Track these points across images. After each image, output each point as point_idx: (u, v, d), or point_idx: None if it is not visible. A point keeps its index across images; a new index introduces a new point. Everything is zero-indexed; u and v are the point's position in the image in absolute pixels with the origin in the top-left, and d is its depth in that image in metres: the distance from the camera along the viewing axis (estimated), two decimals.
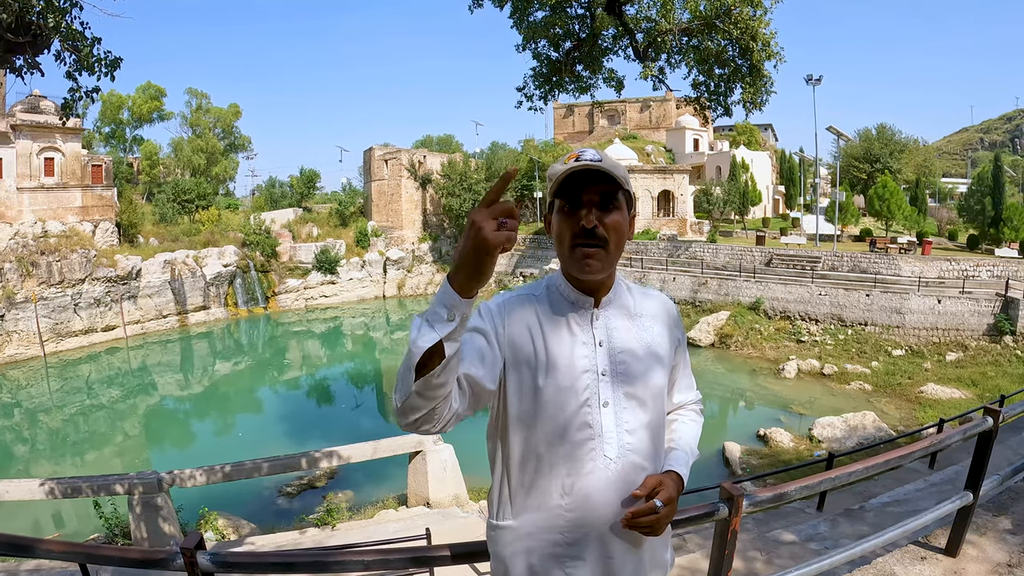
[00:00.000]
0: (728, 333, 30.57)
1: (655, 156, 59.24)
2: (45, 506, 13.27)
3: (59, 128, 35.21)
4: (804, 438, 19.15)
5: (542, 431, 1.79)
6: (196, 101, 63.98)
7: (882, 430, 18.86)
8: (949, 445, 4.21)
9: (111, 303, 35.98)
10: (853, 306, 28.53)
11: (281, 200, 59.83)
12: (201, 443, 23.23)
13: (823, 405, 22.26)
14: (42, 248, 33.91)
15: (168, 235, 43.65)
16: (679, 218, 46.08)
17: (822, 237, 41.22)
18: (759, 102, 13.84)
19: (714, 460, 18.65)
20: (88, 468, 19.96)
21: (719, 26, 12.35)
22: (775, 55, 12.60)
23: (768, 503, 2.87)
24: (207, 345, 37.72)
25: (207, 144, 61.01)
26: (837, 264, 33.61)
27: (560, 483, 1.79)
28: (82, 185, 38.00)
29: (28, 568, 6.81)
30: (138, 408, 27.31)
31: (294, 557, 2.57)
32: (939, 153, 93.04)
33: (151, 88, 61.94)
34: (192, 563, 2.42)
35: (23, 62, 6.00)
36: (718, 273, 35.01)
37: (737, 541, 7.53)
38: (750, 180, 52.09)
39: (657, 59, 13.33)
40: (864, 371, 24.92)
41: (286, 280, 46.20)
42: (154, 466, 17.36)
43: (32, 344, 32.60)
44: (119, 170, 48.30)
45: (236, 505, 15.25)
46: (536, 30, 12.91)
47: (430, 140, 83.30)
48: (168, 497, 11.37)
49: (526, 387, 1.79)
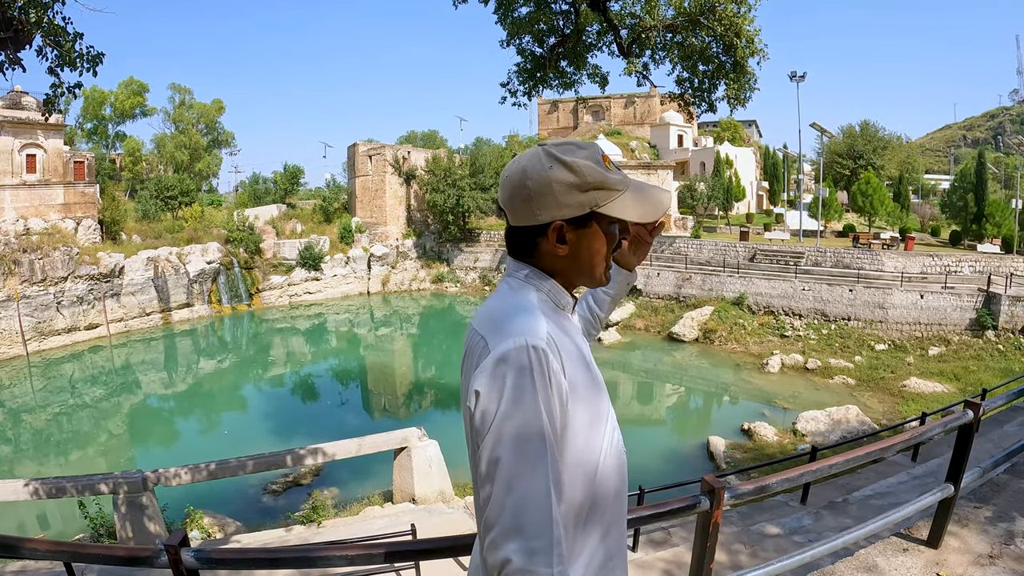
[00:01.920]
0: (712, 328, 30.71)
1: (639, 152, 59.35)
2: (30, 507, 13.17)
3: (41, 124, 34.86)
4: (788, 432, 19.29)
5: (605, 451, 1.54)
6: (179, 97, 63.71)
7: (865, 424, 19.03)
8: (931, 438, 4.25)
9: (94, 301, 35.61)
10: (836, 301, 28.75)
11: (265, 196, 59.47)
12: (186, 441, 23.08)
13: (807, 399, 22.44)
14: (24, 246, 33.47)
15: (151, 232, 43.22)
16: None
17: (806, 233, 41.46)
18: (743, 98, 13.95)
19: (698, 454, 18.80)
20: (72, 468, 19.79)
21: (703, 23, 12.42)
22: (759, 52, 12.69)
23: (750, 496, 2.90)
24: (191, 343, 37.44)
25: (190, 140, 60.76)
26: (820, 259, 33.87)
27: (614, 483, 1.57)
28: (64, 182, 37.57)
29: (13, 570, 6.76)
30: (122, 407, 27.08)
31: (279, 553, 2.58)
32: (922, 150, 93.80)
33: (134, 84, 61.33)
34: (176, 560, 2.44)
35: (4, 58, 5.94)
36: (702, 268, 35.19)
37: (721, 534, 7.62)
38: (734, 176, 52.37)
39: (641, 55, 13.39)
40: (847, 365, 25.13)
41: (270, 277, 45.92)
42: (139, 465, 17.23)
43: (15, 343, 32.21)
44: (102, 167, 47.97)
45: (222, 503, 15.19)
46: (520, 26, 12.92)
47: (414, 136, 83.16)
48: (153, 496, 11.32)
49: (588, 425, 1.50)
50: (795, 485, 3.00)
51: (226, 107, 66.73)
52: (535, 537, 1.26)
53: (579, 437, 1.45)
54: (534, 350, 1.35)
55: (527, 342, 1.36)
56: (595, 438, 1.50)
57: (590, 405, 1.49)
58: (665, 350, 30.37)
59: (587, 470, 1.48)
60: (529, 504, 1.28)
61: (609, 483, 1.54)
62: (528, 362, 1.34)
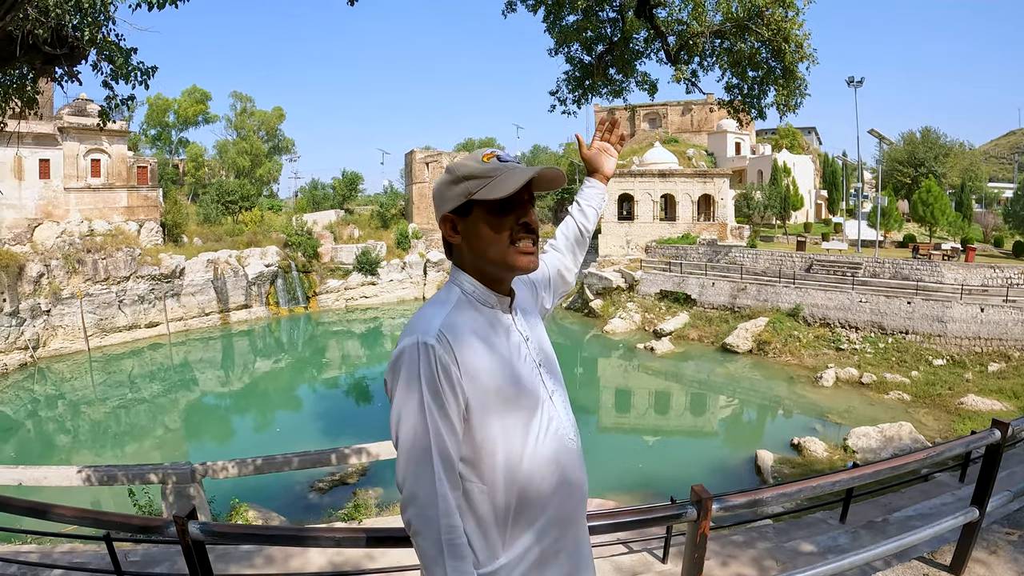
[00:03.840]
0: (766, 340, 30.11)
1: (696, 160, 58.66)
2: (83, 494, 13.60)
3: (105, 131, 36.17)
4: (838, 448, 18.80)
5: (522, 441, 1.72)
6: (240, 104, 65.34)
7: (918, 442, 18.41)
8: (948, 459, 4.13)
9: (155, 300, 36.87)
10: (894, 314, 27.90)
11: (323, 202, 60.71)
12: (240, 438, 23.65)
13: (860, 415, 21.84)
14: (88, 246, 34.96)
15: (212, 235, 44.63)
16: (719, 222, 45.50)
17: (864, 243, 40.38)
18: (793, 104, 13.62)
19: (746, 468, 18.47)
20: (128, 459, 20.38)
21: (751, 28, 12.20)
22: (808, 57, 12.41)
23: (741, 508, 2.85)
24: (248, 343, 38.44)
25: (251, 146, 62.21)
26: (879, 270, 32.92)
27: (549, 482, 1.73)
28: (127, 186, 39.09)
29: (62, 550, 7.04)
30: (179, 403, 27.93)
31: (275, 531, 2.73)
32: (985, 157, 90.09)
33: (196, 92, 63.42)
34: (183, 531, 2.66)
35: (62, 71, 6.24)
36: (757, 279, 34.51)
37: (754, 549, 7.45)
38: (791, 184, 51.29)
39: (689, 62, 13.21)
40: (903, 380, 24.35)
41: (327, 280, 46.84)
42: (192, 459, 17.76)
43: (77, 339, 33.57)
44: (165, 171, 49.54)
45: (268, 498, 15.50)
46: (568, 34, 12.92)
47: (472, 143, 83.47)
48: (200, 488, 11.59)
49: (498, 410, 1.70)
50: (790, 500, 2.95)
51: (286, 115, 68.27)
52: (427, 506, 1.57)
53: (490, 425, 1.67)
54: (423, 347, 1.61)
55: (418, 340, 1.63)
56: (512, 427, 1.70)
57: (502, 395, 1.70)
58: (718, 361, 29.91)
59: (508, 460, 1.69)
60: (420, 480, 1.59)
61: (539, 478, 1.70)
62: (416, 357, 1.61)
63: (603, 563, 6.64)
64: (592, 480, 5.07)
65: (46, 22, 5.42)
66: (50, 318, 32.70)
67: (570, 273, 2.33)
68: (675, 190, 45.59)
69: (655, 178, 45.80)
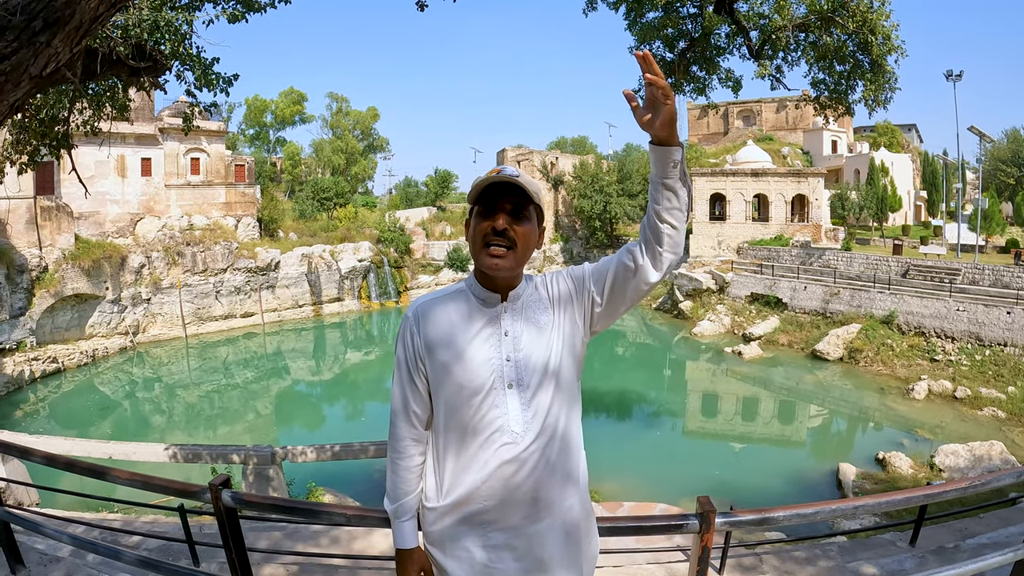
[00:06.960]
0: (858, 347, 28.97)
1: (791, 158, 56.94)
2: (171, 470, 14.25)
3: (203, 131, 38.21)
4: (925, 465, 17.84)
5: (462, 412, 2.03)
6: (336, 104, 67.25)
7: (1008, 462, 17.30)
8: (995, 488, 3.96)
9: (250, 292, 38.56)
10: (993, 324, 26.27)
11: (416, 199, 61.84)
12: (328, 426, 24.41)
13: (951, 431, 20.73)
14: (187, 240, 36.96)
15: (306, 230, 46.18)
16: (813, 224, 44.01)
17: (965, 247, 38.21)
18: (882, 99, 13.02)
19: (827, 481, 17.82)
20: (218, 441, 21.26)
21: (836, 20, 11.75)
22: (896, 49, 11.86)
23: (748, 524, 2.83)
24: (339, 335, 39.70)
25: (346, 145, 63.86)
26: (978, 277, 31.16)
27: (479, 458, 2.02)
28: (225, 183, 41.03)
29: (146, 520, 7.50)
30: (270, 390, 29.08)
31: (294, 503, 3.10)
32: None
33: (293, 93, 65.77)
34: (217, 498, 3.00)
35: (147, 82, 6.73)
36: (851, 283, 33.20)
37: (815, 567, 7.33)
38: (889, 184, 48.94)
39: (773, 57, 12.83)
40: (999, 396, 22.84)
41: (418, 276, 47.83)
42: (280, 443, 18.50)
43: (175, 326, 35.53)
44: (262, 169, 51.56)
45: (345, 484, 15.84)
46: (649, 31, 12.77)
47: (564, 142, 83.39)
48: (280, 470, 12.06)
49: (443, 378, 2.04)
50: (805, 520, 2.91)
51: (380, 114, 69.75)
52: (394, 424, 2.16)
53: (439, 393, 2.07)
54: (403, 320, 2.14)
55: (407, 311, 2.16)
56: (456, 395, 2.04)
57: (448, 369, 2.03)
58: (807, 368, 29.01)
59: (448, 422, 2.08)
60: (395, 403, 2.16)
61: (459, 402, 2.04)
62: (403, 321, 2.14)
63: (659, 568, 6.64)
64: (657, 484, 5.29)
65: (128, 39, 5.86)
66: (150, 306, 34.67)
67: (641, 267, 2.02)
68: (768, 190, 44.44)
69: (747, 177, 44.79)
